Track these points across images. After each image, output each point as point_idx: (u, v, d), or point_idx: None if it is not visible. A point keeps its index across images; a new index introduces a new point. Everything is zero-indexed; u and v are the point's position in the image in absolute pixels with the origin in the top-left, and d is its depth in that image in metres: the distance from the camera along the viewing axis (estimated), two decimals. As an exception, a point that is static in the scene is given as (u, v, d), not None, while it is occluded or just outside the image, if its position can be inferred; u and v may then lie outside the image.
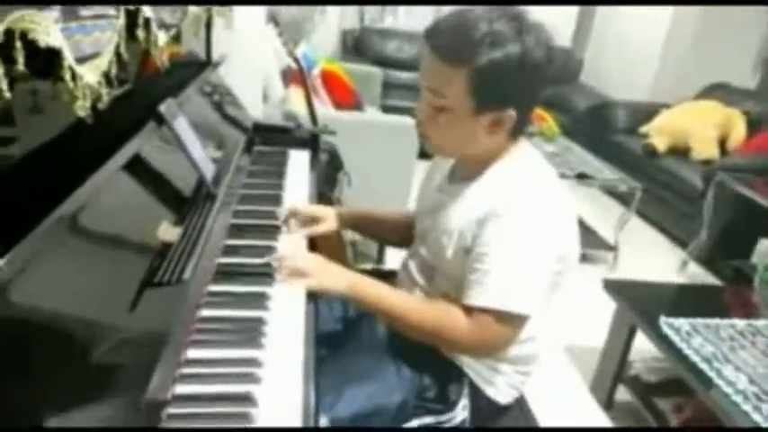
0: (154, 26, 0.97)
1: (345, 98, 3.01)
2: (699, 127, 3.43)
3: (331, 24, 4.77)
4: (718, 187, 2.88)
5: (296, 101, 2.38)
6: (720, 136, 3.44)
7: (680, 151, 3.51)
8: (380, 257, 2.66)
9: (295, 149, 1.76)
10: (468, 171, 1.02)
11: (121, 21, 0.79)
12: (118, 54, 0.85)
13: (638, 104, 4.04)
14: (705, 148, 3.39)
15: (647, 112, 3.82)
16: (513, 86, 0.90)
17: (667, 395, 1.82)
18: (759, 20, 3.97)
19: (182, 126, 1.00)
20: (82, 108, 0.70)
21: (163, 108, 0.96)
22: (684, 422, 1.71)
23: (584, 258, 3.03)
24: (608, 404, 1.96)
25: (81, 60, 0.71)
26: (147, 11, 0.90)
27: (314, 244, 1.78)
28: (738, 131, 3.43)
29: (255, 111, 2.14)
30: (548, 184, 0.97)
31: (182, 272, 0.79)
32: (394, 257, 2.33)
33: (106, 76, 0.79)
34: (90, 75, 0.72)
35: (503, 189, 0.94)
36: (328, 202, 1.94)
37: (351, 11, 4.89)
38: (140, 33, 0.89)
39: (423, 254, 1.09)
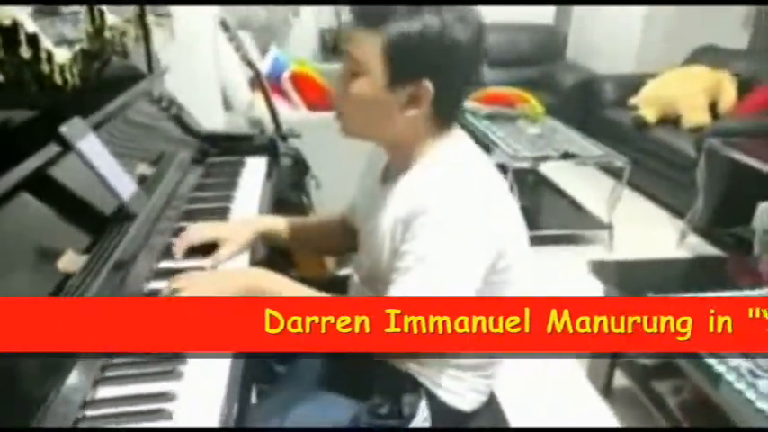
0: (47, 43, 0.90)
1: (318, 99, 2.94)
2: (687, 94, 3.31)
3: (308, 25, 4.70)
4: (710, 153, 2.77)
5: (261, 107, 2.31)
6: (710, 101, 3.32)
7: (670, 120, 3.40)
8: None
9: (253, 157, 1.69)
10: (396, 168, 0.95)
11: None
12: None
13: (624, 77, 3.93)
14: (695, 115, 3.27)
15: (635, 83, 3.69)
16: (429, 60, 0.84)
17: (665, 377, 1.74)
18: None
19: (90, 145, 0.93)
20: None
21: (65, 129, 0.89)
22: (682, 404, 1.62)
23: (579, 240, 2.94)
24: (606, 391, 1.88)
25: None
26: (29, 26, 0.83)
27: (289, 252, 1.72)
28: (728, 94, 3.31)
29: (215, 120, 2.08)
30: (477, 174, 0.89)
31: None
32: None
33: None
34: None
35: (427, 183, 0.86)
36: (295, 208, 1.87)
37: (327, 9, 4.81)
38: (24, 51, 0.83)
39: (364, 262, 1.02)
